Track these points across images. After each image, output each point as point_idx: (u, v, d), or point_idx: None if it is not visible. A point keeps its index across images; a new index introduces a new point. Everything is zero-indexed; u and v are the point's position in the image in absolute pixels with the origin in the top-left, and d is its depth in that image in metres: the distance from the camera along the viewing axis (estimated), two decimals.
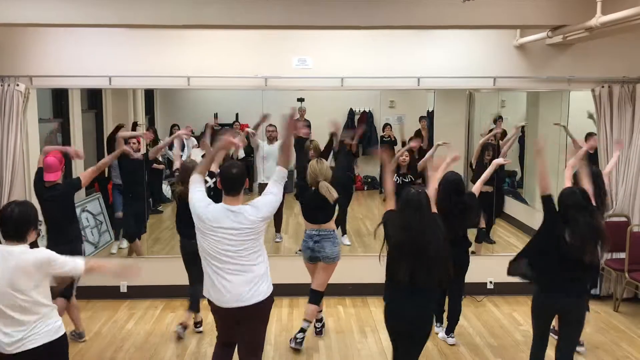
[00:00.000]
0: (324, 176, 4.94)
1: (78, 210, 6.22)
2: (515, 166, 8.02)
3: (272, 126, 6.96)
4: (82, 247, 5.01)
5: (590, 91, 6.10)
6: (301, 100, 7.51)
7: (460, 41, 6.14)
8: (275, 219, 7.20)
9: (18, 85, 5.77)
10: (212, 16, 5.05)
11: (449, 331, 5.18)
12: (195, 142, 7.24)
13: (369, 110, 8.25)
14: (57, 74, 5.90)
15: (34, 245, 3.32)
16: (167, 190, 7.76)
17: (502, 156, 6.70)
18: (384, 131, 7.96)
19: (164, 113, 7.93)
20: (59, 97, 7.10)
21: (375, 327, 5.52)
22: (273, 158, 6.96)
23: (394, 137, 7.94)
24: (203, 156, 5.71)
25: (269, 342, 5.01)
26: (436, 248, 3.60)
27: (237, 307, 3.57)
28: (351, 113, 8.19)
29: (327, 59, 6.10)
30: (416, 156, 6.67)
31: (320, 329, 5.34)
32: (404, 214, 3.65)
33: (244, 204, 3.62)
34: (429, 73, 6.07)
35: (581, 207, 3.76)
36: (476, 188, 4.88)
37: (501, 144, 7.01)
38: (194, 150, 7.14)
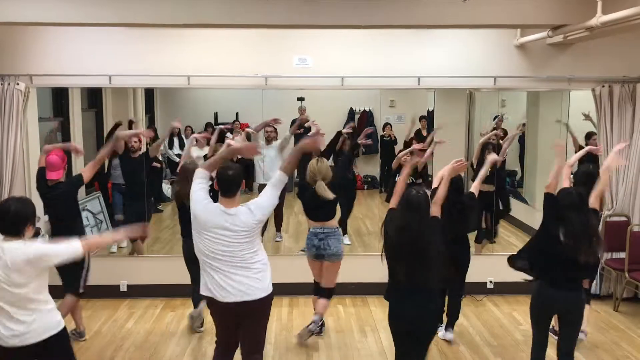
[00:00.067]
0: (322, 175, 4.94)
1: None
2: (515, 166, 8.02)
3: (270, 127, 6.95)
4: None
5: (591, 91, 6.09)
6: (301, 99, 7.51)
7: (461, 40, 6.14)
8: (276, 218, 7.20)
9: (18, 84, 5.77)
10: (212, 15, 5.05)
11: (448, 327, 5.19)
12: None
13: (369, 110, 8.25)
14: (57, 73, 5.89)
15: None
16: (167, 189, 7.76)
17: (502, 155, 6.72)
18: (384, 130, 7.96)
19: (164, 112, 7.93)
20: (59, 96, 7.10)
21: (375, 327, 5.52)
22: (270, 158, 6.95)
23: (394, 136, 7.94)
24: (205, 157, 5.72)
25: (269, 341, 5.01)
26: (435, 249, 3.62)
27: (237, 302, 3.57)
28: (351, 112, 8.20)
29: (327, 58, 6.10)
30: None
31: (320, 328, 5.34)
32: (403, 214, 3.68)
33: (241, 204, 3.63)
34: (429, 72, 6.06)
35: (576, 208, 3.77)
36: (475, 187, 4.86)
37: (502, 143, 7.01)
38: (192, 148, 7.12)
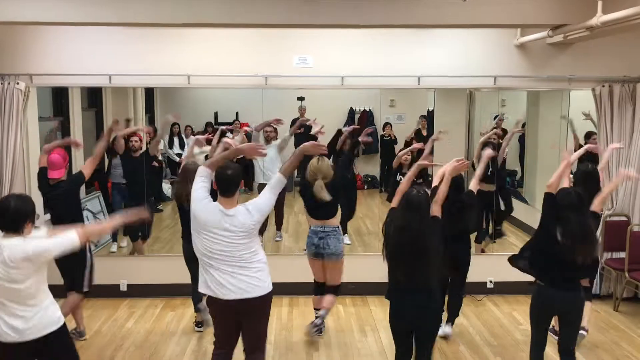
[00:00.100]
0: (323, 174, 4.94)
1: None
2: (515, 165, 8.01)
3: (269, 126, 6.94)
4: (87, 244, 5.02)
5: (591, 90, 6.08)
6: (301, 99, 7.51)
7: (461, 40, 6.13)
8: (276, 217, 7.20)
9: (18, 83, 5.77)
10: (211, 15, 5.05)
11: (448, 322, 5.21)
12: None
13: (369, 109, 8.25)
14: (57, 72, 5.89)
15: None
16: (167, 189, 7.76)
17: (502, 153, 6.73)
18: (384, 130, 7.96)
19: (164, 111, 7.91)
20: (59, 96, 7.09)
21: (375, 326, 5.52)
22: (270, 158, 6.95)
23: (394, 136, 7.94)
24: (207, 157, 5.71)
25: (268, 341, 4.99)
26: (435, 249, 3.63)
27: (237, 299, 3.58)
28: (351, 112, 8.19)
29: (327, 58, 6.09)
30: (415, 156, 6.65)
31: (320, 327, 5.34)
32: (403, 214, 3.68)
33: (240, 204, 3.64)
34: (429, 72, 6.06)
35: (575, 208, 3.76)
36: (473, 185, 4.86)
37: (501, 142, 7.00)
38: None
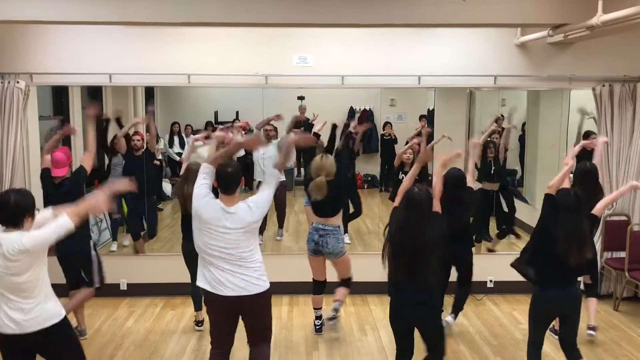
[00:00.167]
0: (326, 172, 4.98)
1: None
2: (516, 165, 8.01)
3: (270, 125, 6.94)
4: (90, 243, 5.04)
5: (591, 90, 6.08)
6: (301, 98, 7.50)
7: (461, 39, 6.13)
8: (278, 216, 7.20)
9: (18, 82, 5.77)
10: (212, 14, 5.04)
11: (452, 313, 5.25)
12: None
13: (370, 109, 8.24)
14: (58, 71, 5.89)
15: None
16: (167, 188, 7.75)
17: (502, 150, 6.75)
18: (384, 129, 7.95)
19: (164, 111, 7.92)
20: (59, 95, 7.09)
21: (375, 326, 5.52)
22: (270, 157, 6.95)
23: (394, 135, 7.94)
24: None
25: None
26: (437, 247, 3.64)
27: (235, 296, 3.60)
28: (351, 111, 8.18)
29: (327, 57, 6.09)
30: (415, 155, 6.66)
31: (320, 326, 5.34)
32: (405, 212, 3.69)
33: (241, 201, 3.66)
34: (429, 71, 6.06)
35: (572, 209, 3.77)
36: (469, 181, 4.94)
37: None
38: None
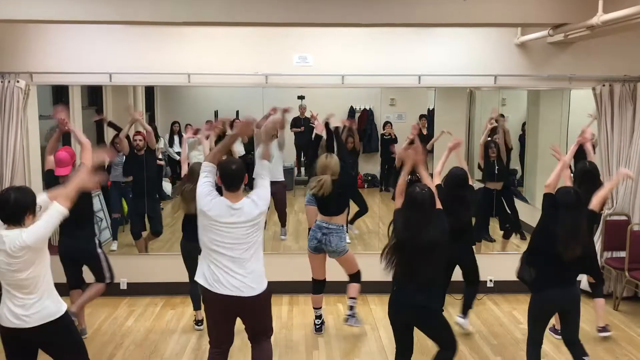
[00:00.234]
0: (332, 171, 5.01)
1: None
2: (516, 164, 8.00)
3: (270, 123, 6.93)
4: (96, 240, 5.05)
5: (591, 90, 6.08)
6: (301, 97, 7.50)
7: (461, 39, 6.13)
8: (280, 215, 7.20)
9: (18, 81, 5.77)
10: (212, 14, 5.05)
11: (462, 313, 5.27)
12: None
13: (370, 108, 8.24)
14: (58, 70, 5.89)
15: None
16: (167, 187, 7.75)
17: (503, 149, 6.76)
18: (384, 129, 7.95)
19: (164, 110, 7.92)
20: (60, 94, 7.08)
21: (375, 325, 5.52)
22: (272, 156, 6.95)
23: (395, 135, 7.94)
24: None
25: None
26: (438, 247, 3.65)
27: (231, 295, 3.60)
28: (352, 111, 8.18)
29: (327, 57, 6.10)
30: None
31: (320, 326, 5.35)
32: (408, 212, 3.70)
33: (244, 196, 3.69)
34: (429, 71, 6.07)
35: (573, 207, 3.78)
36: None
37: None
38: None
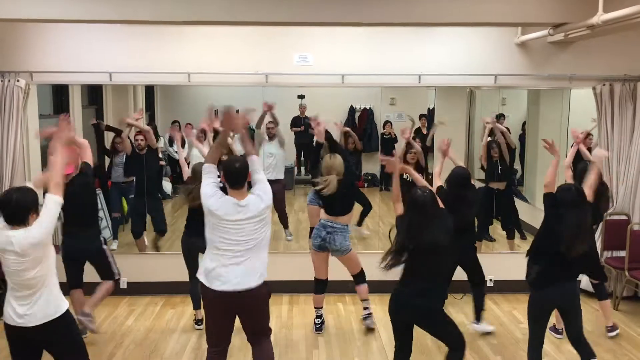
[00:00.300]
0: (336, 171, 5.02)
1: None
2: (516, 164, 8.00)
3: (271, 122, 6.95)
4: (101, 238, 5.04)
5: (592, 89, 6.08)
6: (302, 97, 7.50)
7: (461, 38, 6.13)
8: (280, 216, 7.19)
9: (18, 81, 5.77)
10: (212, 13, 5.04)
11: (475, 318, 5.25)
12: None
13: (370, 108, 8.24)
14: (58, 69, 5.89)
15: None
16: (167, 186, 7.75)
17: (505, 149, 6.75)
18: (384, 128, 7.95)
19: (164, 109, 7.92)
20: (60, 93, 7.08)
21: (375, 324, 5.51)
22: (272, 155, 6.97)
23: (395, 134, 7.94)
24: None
25: None
26: (441, 248, 3.67)
27: (227, 291, 3.61)
28: (352, 110, 8.19)
29: (327, 56, 6.09)
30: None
31: (320, 325, 5.35)
32: (410, 215, 3.72)
33: (249, 193, 3.73)
34: (429, 70, 6.06)
35: (574, 205, 3.79)
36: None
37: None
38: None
